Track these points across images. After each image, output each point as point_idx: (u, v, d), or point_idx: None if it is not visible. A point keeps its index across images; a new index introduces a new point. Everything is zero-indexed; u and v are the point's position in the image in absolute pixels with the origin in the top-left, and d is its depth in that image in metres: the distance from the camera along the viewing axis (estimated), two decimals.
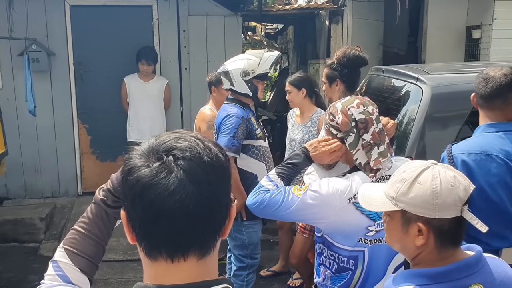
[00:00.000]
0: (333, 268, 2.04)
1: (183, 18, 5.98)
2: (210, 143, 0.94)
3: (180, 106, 6.15)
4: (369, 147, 1.95)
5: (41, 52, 5.61)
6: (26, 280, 4.73)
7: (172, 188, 0.86)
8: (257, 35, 11.63)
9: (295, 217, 2.01)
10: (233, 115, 3.24)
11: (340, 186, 1.95)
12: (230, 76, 3.32)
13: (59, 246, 1.23)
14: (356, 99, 2.02)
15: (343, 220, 1.91)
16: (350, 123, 1.97)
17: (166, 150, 0.90)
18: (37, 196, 6.02)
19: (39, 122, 5.81)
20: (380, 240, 1.95)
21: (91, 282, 1.21)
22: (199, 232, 0.90)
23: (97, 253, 1.23)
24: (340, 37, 6.25)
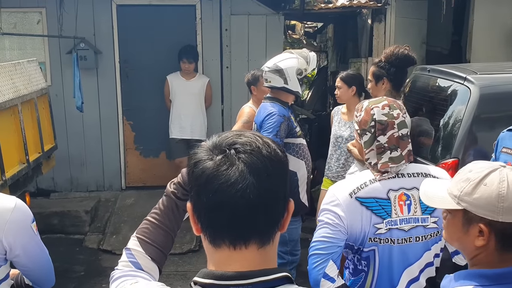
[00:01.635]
0: (350, 269, 2.05)
1: (225, 17, 6.05)
2: (268, 140, 0.99)
3: (220, 104, 6.23)
4: (381, 149, 1.95)
5: (88, 50, 5.79)
6: (72, 270, 4.90)
7: (233, 179, 0.92)
8: (296, 34, 11.61)
9: (323, 238, 1.93)
10: (275, 113, 3.27)
11: (338, 184, 2.00)
12: (285, 74, 3.34)
13: (133, 235, 1.29)
14: (384, 100, 2.02)
15: (350, 217, 1.90)
16: (369, 122, 1.98)
17: (228, 145, 0.96)
18: (82, 190, 6.22)
19: (86, 118, 6.01)
20: (392, 240, 1.92)
21: (160, 271, 1.27)
22: (259, 222, 0.95)
23: (167, 243, 1.29)
24: (382, 36, 6.19)
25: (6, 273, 1.72)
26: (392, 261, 1.94)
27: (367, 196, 1.91)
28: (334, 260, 1.88)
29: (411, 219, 1.93)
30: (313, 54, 3.57)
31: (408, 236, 1.92)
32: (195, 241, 5.21)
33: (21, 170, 4.06)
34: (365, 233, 1.91)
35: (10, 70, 4.15)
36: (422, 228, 1.94)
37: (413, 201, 1.93)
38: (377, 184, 1.94)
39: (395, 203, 1.92)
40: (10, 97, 3.98)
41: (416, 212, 1.93)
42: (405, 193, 1.93)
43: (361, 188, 1.92)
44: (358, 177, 2.00)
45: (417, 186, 1.93)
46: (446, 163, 3.11)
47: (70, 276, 4.78)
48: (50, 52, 5.97)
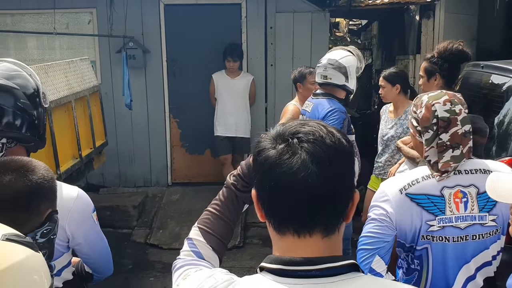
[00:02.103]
0: (404, 268, 2.01)
1: (270, 15, 6.06)
2: (333, 129, 1.00)
3: (264, 102, 6.25)
4: (443, 147, 1.88)
5: (137, 49, 5.93)
6: (120, 263, 5.02)
7: (295, 168, 0.93)
8: (339, 31, 11.49)
9: (373, 234, 1.91)
10: (337, 109, 3.27)
11: (389, 180, 1.97)
12: (347, 71, 3.34)
13: (194, 225, 1.32)
14: (445, 95, 1.94)
15: (399, 213, 1.86)
16: (431, 120, 1.90)
17: (292, 134, 0.97)
18: (130, 185, 6.39)
19: (134, 115, 6.16)
20: (446, 238, 1.86)
21: (221, 261, 1.29)
22: (322, 211, 0.96)
23: (227, 233, 1.32)
24: (431, 32, 6.04)
25: (68, 260, 1.79)
26: (447, 260, 1.89)
27: (418, 193, 1.87)
28: (381, 255, 1.85)
29: (467, 217, 1.87)
30: (358, 51, 3.63)
31: (464, 234, 1.87)
32: (239, 237, 5.25)
33: (74, 164, 4.21)
34: (416, 230, 1.87)
35: (64, 68, 4.31)
36: (480, 226, 1.88)
37: (470, 199, 1.88)
38: (430, 181, 1.89)
39: (450, 200, 1.86)
40: (65, 94, 4.14)
41: (473, 210, 1.88)
42: (462, 190, 1.88)
43: (412, 184, 1.88)
44: (410, 173, 1.96)
45: (474, 183, 1.88)
46: (501, 161, 3.01)
47: (119, 269, 4.89)
48: (100, 51, 6.15)
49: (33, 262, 0.87)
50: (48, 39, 6.20)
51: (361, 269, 0.98)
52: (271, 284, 0.95)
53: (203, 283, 1.06)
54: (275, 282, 0.95)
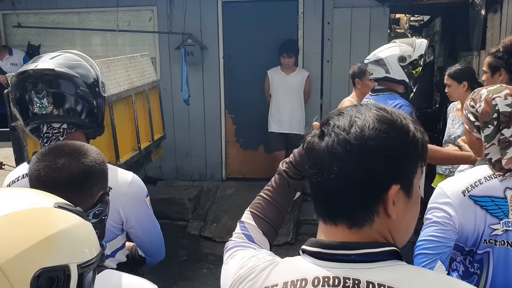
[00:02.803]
0: (460, 271, 1.91)
1: (328, 11, 6.00)
2: (369, 122, 0.93)
3: (320, 98, 6.19)
4: (506, 143, 1.78)
5: (195, 46, 6.06)
6: (176, 254, 5.16)
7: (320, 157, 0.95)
8: (400, 28, 11.20)
9: (437, 238, 1.82)
10: (403, 104, 3.16)
11: (448, 181, 1.85)
12: (385, 63, 3.25)
13: (246, 209, 1.36)
14: (506, 89, 1.84)
15: (463, 217, 1.76)
16: (492, 114, 1.80)
17: (324, 122, 0.99)
18: (186, 179, 6.54)
19: (191, 110, 6.29)
20: (509, 243, 1.76)
21: (271, 246, 1.31)
22: (342, 202, 0.95)
23: (278, 218, 1.33)
24: (498, 27, 5.75)
25: (123, 242, 1.86)
26: (509, 265, 1.80)
27: (482, 195, 1.77)
28: (443, 261, 1.77)
29: None
30: (421, 40, 3.41)
31: None
32: (291, 234, 5.25)
33: (133, 156, 4.36)
34: (479, 234, 1.78)
35: (125, 63, 4.46)
36: None
37: None
38: (493, 181, 1.79)
39: (511, 202, 1.77)
40: (126, 88, 4.29)
41: None
42: None
43: (475, 186, 1.79)
44: (471, 173, 1.86)
45: None
46: None
47: (175, 260, 5.04)
48: (160, 48, 6.33)
49: (83, 229, 0.92)
50: (111, 36, 6.46)
51: (403, 257, 0.95)
52: (309, 266, 0.96)
53: (246, 262, 1.09)
54: (313, 265, 0.96)
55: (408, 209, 0.97)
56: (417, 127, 0.98)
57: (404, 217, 0.97)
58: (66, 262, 0.84)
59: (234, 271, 1.10)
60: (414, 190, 0.97)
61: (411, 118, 0.99)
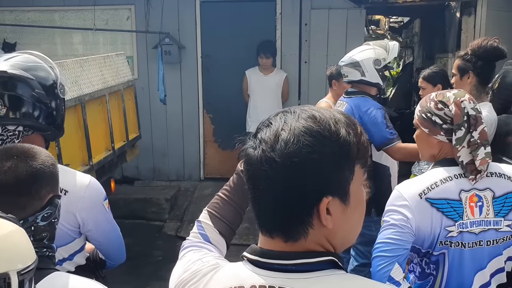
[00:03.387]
0: (417, 272, 1.94)
1: (305, 12, 6.03)
2: (294, 135, 0.91)
3: (298, 99, 6.22)
4: (475, 145, 1.80)
5: (173, 45, 6.04)
6: (151, 254, 5.14)
7: (265, 174, 0.92)
8: (380, 29, 11.29)
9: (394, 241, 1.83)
10: (373, 107, 3.20)
11: (405, 183, 1.86)
12: (361, 66, 3.26)
13: (204, 208, 1.35)
14: (466, 93, 1.88)
15: (420, 219, 1.78)
16: (463, 117, 1.82)
17: (255, 134, 0.97)
18: (163, 179, 6.52)
19: (169, 110, 6.27)
20: (463, 244, 1.79)
21: (228, 246, 1.31)
22: (274, 216, 0.94)
23: (235, 219, 1.33)
24: (472, 30, 5.84)
25: (81, 245, 1.85)
26: (463, 265, 1.83)
27: (438, 197, 1.79)
28: (400, 263, 1.78)
29: (482, 222, 1.80)
30: (394, 43, 3.44)
31: (478, 239, 1.80)
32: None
33: (107, 156, 4.33)
34: (435, 236, 1.80)
35: (99, 62, 4.43)
36: (494, 232, 1.80)
37: (485, 203, 1.80)
38: (448, 184, 1.81)
39: (466, 204, 1.79)
40: (99, 87, 4.26)
41: (489, 214, 1.80)
42: (477, 194, 1.80)
43: (431, 188, 1.80)
44: (427, 176, 1.87)
45: (490, 187, 1.81)
46: None
47: (150, 260, 5.02)
48: (137, 47, 6.30)
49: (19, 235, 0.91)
50: (93, 35, 6.41)
51: (341, 266, 0.95)
52: (248, 274, 0.97)
53: (191, 265, 1.09)
54: (252, 273, 0.96)
55: (346, 215, 0.95)
56: (350, 130, 0.94)
57: (343, 224, 0.95)
58: (5, 270, 0.83)
59: (178, 274, 1.10)
60: (353, 195, 0.95)
61: (345, 121, 0.95)
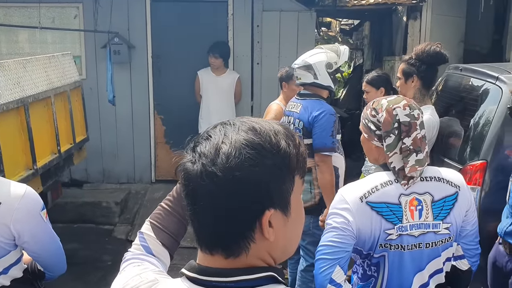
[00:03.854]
0: (359, 274, 1.98)
1: (257, 14, 6.05)
2: (257, 146, 0.90)
3: (250, 100, 6.24)
4: (407, 152, 1.85)
5: (122, 44, 5.91)
6: (100, 259, 5.02)
7: (204, 190, 0.89)
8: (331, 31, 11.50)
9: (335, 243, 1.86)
10: (327, 112, 3.25)
11: (347, 187, 1.90)
12: (314, 69, 3.31)
13: (147, 219, 1.31)
14: (403, 100, 1.92)
15: (361, 222, 1.82)
16: (393, 124, 1.87)
17: (193, 148, 0.93)
18: (113, 182, 6.37)
19: (119, 111, 6.13)
20: (402, 247, 1.84)
21: (171, 257, 1.28)
22: (215, 233, 0.92)
23: (179, 230, 1.30)
24: (418, 33, 6.04)
25: (17, 258, 1.77)
26: (402, 267, 1.88)
27: (378, 201, 1.83)
28: (341, 265, 1.82)
29: (421, 225, 1.85)
30: (344, 47, 3.51)
31: (418, 242, 1.85)
32: None
33: (52, 160, 4.19)
34: (375, 238, 1.84)
35: (44, 63, 4.28)
36: (433, 234, 1.86)
37: (425, 206, 1.85)
38: (389, 188, 1.85)
39: (406, 208, 1.84)
40: (44, 89, 4.11)
41: (428, 218, 1.85)
42: (417, 198, 1.85)
43: (372, 192, 1.84)
44: (369, 180, 1.91)
45: (429, 191, 1.87)
46: (474, 165, 3.00)
47: (99, 265, 4.89)
48: (86, 46, 6.12)
49: None
50: (40, 33, 6.15)
51: (281, 280, 0.95)
52: None
53: (129, 281, 1.05)
54: None
55: (287, 226, 0.95)
56: (290, 141, 0.94)
57: (284, 236, 0.95)
58: None
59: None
60: (293, 206, 0.95)
61: (284, 132, 0.94)
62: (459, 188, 1.91)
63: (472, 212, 1.98)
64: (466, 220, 1.95)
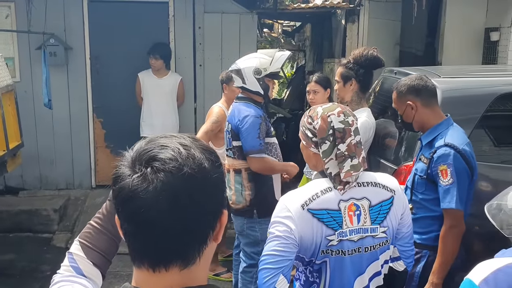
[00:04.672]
0: (302, 280, 2.01)
1: (199, 15, 6.02)
2: (196, 150, 0.91)
3: (193, 102, 6.19)
4: (342, 158, 1.90)
5: (58, 46, 5.70)
6: (39, 270, 4.82)
7: (149, 202, 0.85)
8: (274, 32, 11.61)
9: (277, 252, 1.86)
10: (252, 115, 3.25)
11: (289, 194, 1.92)
12: (242, 74, 3.33)
13: (76, 238, 1.28)
14: (338, 107, 1.97)
15: (303, 230, 1.84)
16: (328, 131, 1.92)
17: (148, 161, 0.88)
18: (52, 188, 6.13)
19: (55, 115, 5.91)
20: (343, 252, 1.88)
21: (104, 277, 1.24)
22: (179, 244, 0.89)
23: (110, 248, 1.27)
24: (355, 36, 6.21)
25: None
26: (344, 272, 1.91)
27: (319, 208, 1.86)
28: (285, 274, 1.82)
29: (360, 230, 1.89)
30: (281, 54, 3.48)
31: (357, 246, 1.89)
32: None
33: None
34: (317, 245, 1.86)
35: None
36: (371, 238, 1.91)
37: (363, 211, 1.90)
38: (328, 194, 1.89)
39: (345, 213, 1.88)
40: None
41: (366, 222, 1.90)
42: (355, 203, 1.89)
43: (313, 199, 1.86)
44: (309, 187, 1.94)
45: (367, 196, 1.91)
46: (408, 165, 3.12)
47: (37, 275, 4.71)
48: (19, 48, 5.86)
49: None
50: None
51: None
52: None
53: None
54: None
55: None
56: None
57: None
58: None
59: None
60: None
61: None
62: (394, 192, 1.97)
63: (407, 215, 2.06)
64: (401, 223, 2.02)
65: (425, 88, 2.71)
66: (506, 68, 5.12)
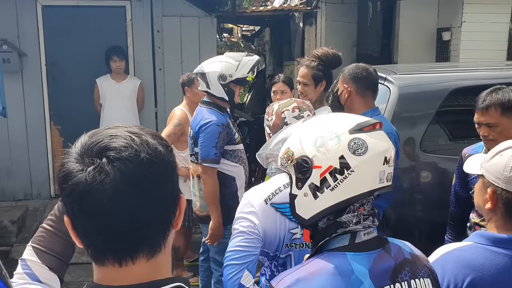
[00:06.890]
0: (267, 275, 2.01)
1: (157, 19, 5.97)
2: (148, 136, 0.89)
3: (154, 107, 6.13)
4: None
5: (12, 52, 5.54)
6: None
7: (110, 193, 0.82)
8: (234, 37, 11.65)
9: (243, 248, 1.86)
10: (213, 123, 3.16)
11: (252, 190, 1.93)
12: (206, 78, 3.23)
13: (28, 244, 1.21)
14: (293, 103, 1.99)
15: (266, 224, 1.84)
16: (281, 126, 1.94)
17: (100, 152, 0.84)
18: (9, 199, 5.92)
19: (11, 123, 5.72)
20: (307, 245, 1.88)
21: (62, 281, 1.19)
22: (145, 233, 0.87)
23: (66, 250, 1.22)
24: (314, 38, 6.32)
25: None
26: None
27: (282, 202, 1.85)
28: (250, 269, 1.82)
29: None
30: (249, 59, 3.36)
31: None
32: None
33: None
34: (281, 239, 1.86)
35: None
36: None
37: None
38: None
39: None
40: None
41: None
42: None
43: (276, 193, 1.87)
44: (272, 182, 1.94)
45: None
46: None
47: None
48: None
49: None
50: None
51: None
52: None
53: None
54: None
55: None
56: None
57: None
58: None
59: None
60: None
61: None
62: None
63: None
64: None
65: (365, 78, 2.80)
66: (458, 64, 5.33)
